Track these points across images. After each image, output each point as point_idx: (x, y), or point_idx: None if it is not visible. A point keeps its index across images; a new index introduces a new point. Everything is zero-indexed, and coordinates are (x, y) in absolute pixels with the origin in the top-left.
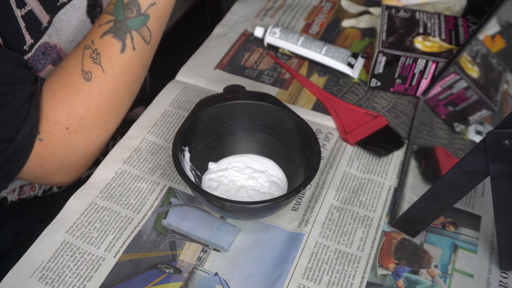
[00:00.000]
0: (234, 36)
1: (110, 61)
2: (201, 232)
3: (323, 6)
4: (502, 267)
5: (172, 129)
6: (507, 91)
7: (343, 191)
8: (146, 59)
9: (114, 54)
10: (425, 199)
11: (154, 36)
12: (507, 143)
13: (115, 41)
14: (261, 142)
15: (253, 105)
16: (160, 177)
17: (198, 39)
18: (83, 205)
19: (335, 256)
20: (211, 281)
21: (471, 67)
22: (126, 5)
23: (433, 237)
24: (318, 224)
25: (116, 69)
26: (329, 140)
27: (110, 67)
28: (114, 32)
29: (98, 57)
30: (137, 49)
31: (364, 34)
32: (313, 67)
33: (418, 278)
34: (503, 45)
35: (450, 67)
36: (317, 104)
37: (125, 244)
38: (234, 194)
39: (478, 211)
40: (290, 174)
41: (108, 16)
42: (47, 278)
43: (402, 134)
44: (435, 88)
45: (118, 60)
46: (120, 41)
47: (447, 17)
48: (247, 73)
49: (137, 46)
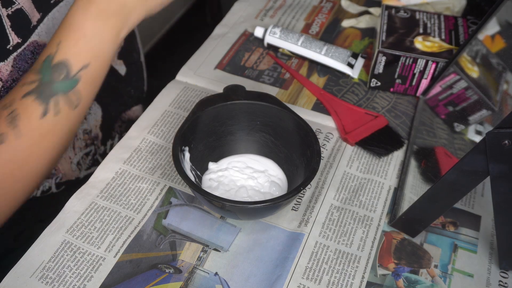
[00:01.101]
0: (234, 36)
1: (28, 125)
2: (201, 232)
3: (323, 6)
4: (502, 267)
5: (172, 129)
6: (507, 91)
7: (343, 191)
8: (72, 124)
9: (34, 118)
10: (425, 199)
11: (84, 100)
12: (507, 143)
13: (36, 104)
14: (261, 142)
15: (253, 105)
16: (160, 177)
17: (198, 39)
18: (83, 205)
19: (335, 256)
20: (211, 281)
21: (471, 67)
22: (54, 66)
23: (433, 237)
24: (318, 224)
25: (34, 134)
26: (329, 140)
27: (27, 132)
28: (37, 94)
29: (15, 120)
30: (61, 114)
31: (364, 34)
32: (313, 67)
33: (418, 278)
34: (503, 45)
35: (450, 67)
36: (317, 104)
37: (125, 244)
38: (234, 194)
39: (478, 211)
40: (290, 174)
41: (33, 76)
42: (47, 278)
43: (402, 134)
44: (435, 88)
45: (37, 125)
46: (42, 104)
47: (447, 17)
48: (247, 73)
49: (61, 111)
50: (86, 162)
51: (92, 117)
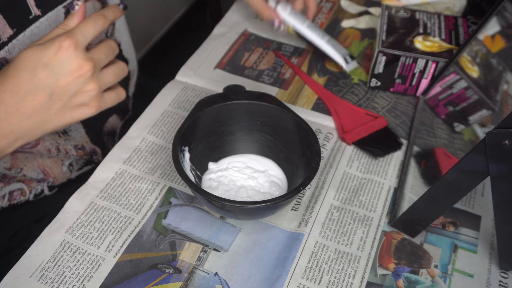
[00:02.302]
0: (234, 36)
1: None
2: (201, 232)
3: (323, 6)
4: (502, 267)
5: (172, 129)
6: (507, 91)
7: (343, 191)
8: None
9: None
10: (425, 199)
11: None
12: (507, 143)
13: None
14: (261, 142)
15: (253, 105)
16: (160, 177)
17: (198, 39)
18: (83, 205)
19: (335, 256)
20: (211, 281)
21: (471, 67)
22: None
23: (433, 237)
24: (318, 224)
25: None
26: (329, 140)
27: None
28: None
29: None
30: None
31: (364, 35)
32: (313, 67)
33: (418, 278)
34: (503, 45)
35: (450, 67)
36: (317, 104)
37: (125, 244)
38: (234, 194)
39: (478, 211)
40: (290, 174)
41: None
42: (47, 278)
43: (402, 135)
44: (435, 88)
45: None
46: None
47: (447, 17)
48: (247, 73)
49: None
50: (79, 163)
51: (75, 134)
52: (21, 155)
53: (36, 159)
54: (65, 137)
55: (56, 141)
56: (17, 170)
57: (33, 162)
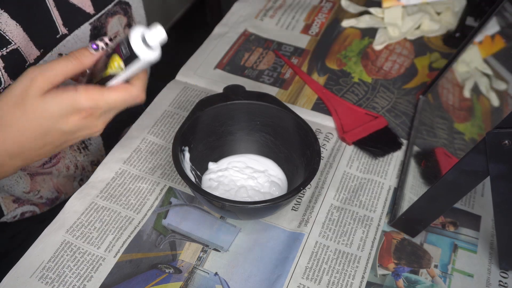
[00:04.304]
0: (234, 36)
1: None
2: (201, 232)
3: (323, 6)
4: (502, 267)
5: (172, 129)
6: (507, 91)
7: (343, 191)
8: None
9: None
10: (425, 199)
11: None
12: (507, 143)
13: None
14: (261, 142)
15: (253, 105)
16: (160, 177)
17: (198, 39)
18: (83, 205)
19: (335, 256)
20: (211, 281)
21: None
22: None
23: (433, 237)
24: (318, 224)
25: None
26: (329, 140)
27: None
28: None
29: None
30: None
31: (364, 34)
32: (312, 66)
33: (418, 278)
34: (503, 45)
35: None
36: (317, 104)
37: (125, 244)
38: (234, 194)
39: (478, 211)
40: (290, 174)
41: None
42: (47, 278)
43: (402, 135)
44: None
45: None
46: None
47: None
48: (247, 73)
49: None
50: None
51: (94, 147)
52: (39, 178)
53: (52, 180)
54: (85, 152)
55: (76, 157)
56: (35, 193)
57: (49, 182)
